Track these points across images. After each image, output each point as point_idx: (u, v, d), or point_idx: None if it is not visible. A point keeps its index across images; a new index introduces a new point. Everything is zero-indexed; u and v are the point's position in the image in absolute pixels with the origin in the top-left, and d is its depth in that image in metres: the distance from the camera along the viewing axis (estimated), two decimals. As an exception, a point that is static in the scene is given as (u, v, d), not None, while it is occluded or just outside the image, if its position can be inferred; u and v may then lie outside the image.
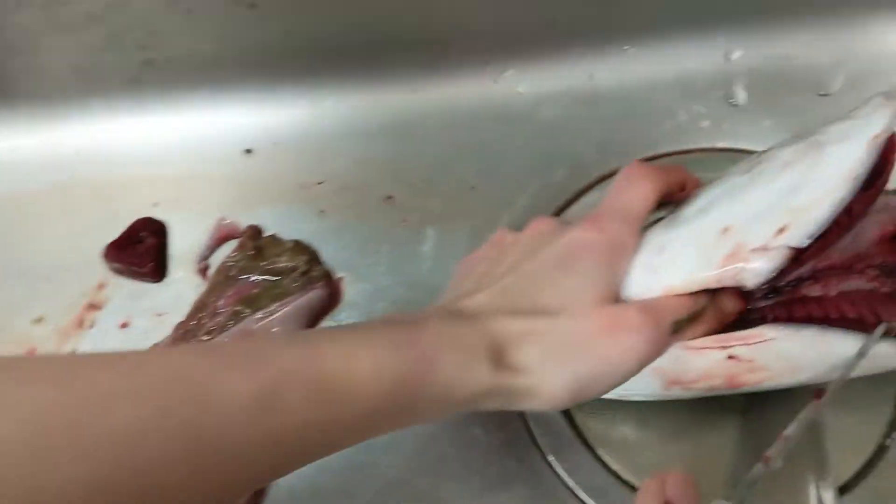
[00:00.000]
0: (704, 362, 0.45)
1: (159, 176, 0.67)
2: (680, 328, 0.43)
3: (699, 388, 0.46)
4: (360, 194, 0.65)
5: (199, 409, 0.31)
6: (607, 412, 0.55)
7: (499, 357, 0.40)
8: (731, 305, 0.45)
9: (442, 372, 0.38)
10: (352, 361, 0.35)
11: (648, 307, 0.43)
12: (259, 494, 0.54)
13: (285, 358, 0.34)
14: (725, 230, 0.44)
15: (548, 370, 0.40)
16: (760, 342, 0.44)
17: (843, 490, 0.51)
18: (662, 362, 0.44)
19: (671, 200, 0.49)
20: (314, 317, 0.59)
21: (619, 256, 0.45)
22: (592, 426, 0.55)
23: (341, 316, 0.60)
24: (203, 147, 0.68)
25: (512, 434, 0.55)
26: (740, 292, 0.45)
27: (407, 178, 0.65)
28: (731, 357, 0.44)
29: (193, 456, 0.30)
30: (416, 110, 0.67)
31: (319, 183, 0.65)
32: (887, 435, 0.53)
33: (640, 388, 0.47)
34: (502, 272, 0.45)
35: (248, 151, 0.67)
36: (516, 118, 0.66)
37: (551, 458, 0.54)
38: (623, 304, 0.44)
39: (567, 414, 0.55)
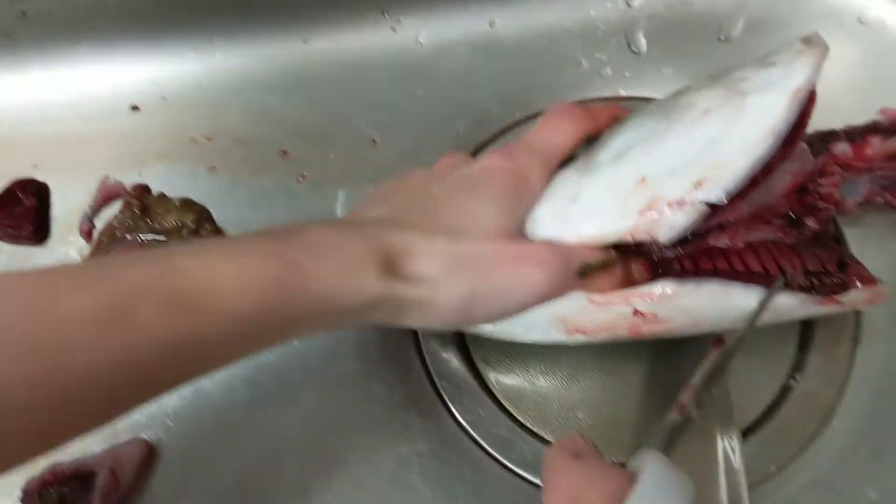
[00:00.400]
0: (608, 315, 0.44)
1: (39, 136, 0.64)
2: (588, 273, 0.42)
3: (602, 337, 0.46)
4: (254, 149, 0.62)
5: (38, 327, 0.29)
6: (512, 364, 0.55)
7: (389, 266, 0.38)
8: (638, 275, 0.45)
9: (320, 280, 0.36)
10: (211, 272, 0.33)
11: (558, 247, 0.42)
12: (151, 457, 0.52)
13: (137, 272, 0.32)
14: (642, 181, 0.43)
15: (443, 283, 0.39)
16: (663, 297, 0.43)
17: (748, 431, 0.51)
18: (566, 311, 0.44)
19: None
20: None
21: (525, 187, 0.44)
22: (496, 377, 0.54)
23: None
24: (86, 104, 0.64)
25: (415, 388, 0.54)
26: (649, 264, 0.44)
27: (303, 132, 0.62)
28: (634, 312, 0.44)
29: (34, 377, 0.28)
30: (309, 62, 0.65)
31: (210, 139, 0.62)
32: (790, 376, 0.53)
33: (542, 333, 0.46)
34: (405, 194, 0.44)
35: (135, 108, 0.64)
36: (416, 69, 0.64)
37: (455, 411, 0.53)
38: (533, 240, 0.44)
39: (472, 365, 0.54)
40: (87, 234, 0.59)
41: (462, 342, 0.56)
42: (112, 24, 0.64)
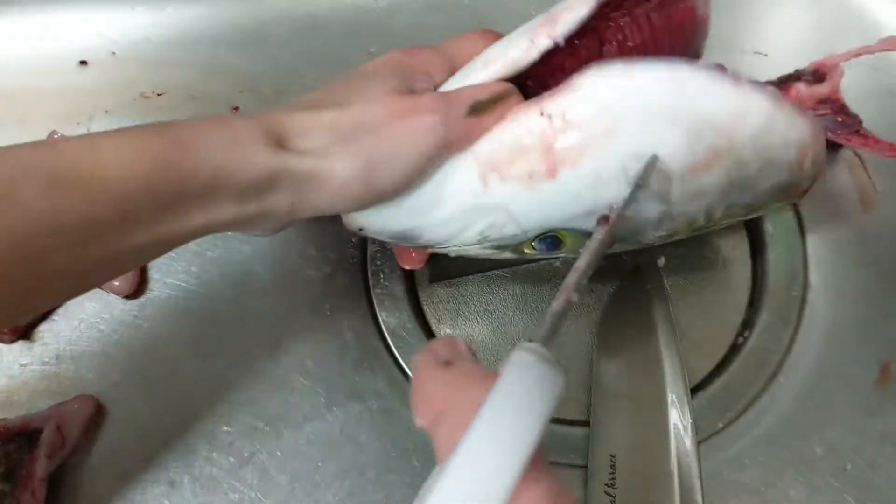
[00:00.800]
0: (517, 132, 0.42)
1: None
2: (479, 110, 0.41)
3: (518, 175, 0.42)
4: (205, 105, 0.61)
5: None
6: (465, 322, 0.56)
7: (278, 141, 0.38)
8: None
9: (207, 155, 0.35)
10: (96, 151, 0.33)
11: (444, 93, 0.42)
12: (98, 413, 0.52)
13: (21, 154, 0.32)
14: (547, 14, 0.43)
15: (335, 152, 0.39)
16: (569, 90, 0.41)
17: (697, 388, 0.52)
18: (475, 144, 0.42)
19: None
20: (155, 232, 0.56)
21: (420, 73, 0.44)
22: (448, 335, 0.54)
23: (186, 232, 0.57)
24: (33, 58, 0.63)
25: (367, 346, 0.54)
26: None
27: (255, 88, 0.61)
28: (542, 114, 0.41)
29: None
30: (262, 17, 0.63)
31: (160, 94, 0.61)
32: (739, 334, 0.54)
33: (459, 186, 0.43)
34: (305, 97, 0.43)
35: (83, 63, 0.62)
36: (370, 26, 0.63)
37: (407, 369, 0.54)
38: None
39: (424, 324, 0.55)
40: (34, 190, 0.58)
41: (415, 300, 0.56)
42: (60, -24, 0.63)
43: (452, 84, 0.44)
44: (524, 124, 0.41)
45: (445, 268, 0.53)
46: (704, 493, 0.46)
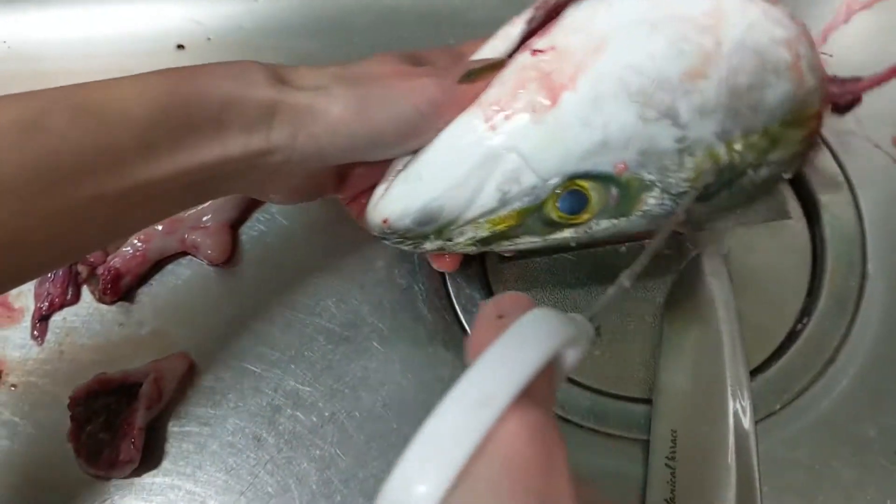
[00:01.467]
0: (513, 71, 0.44)
1: (86, 71, 0.64)
2: (472, 76, 0.43)
3: (521, 109, 0.43)
4: (291, 89, 0.64)
5: None
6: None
7: (280, 80, 0.41)
8: None
9: (215, 86, 0.39)
10: (113, 86, 0.37)
11: (442, 66, 0.46)
12: (191, 371, 0.55)
13: (48, 91, 0.36)
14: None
15: (333, 90, 0.42)
16: (552, 27, 0.44)
17: (756, 371, 0.54)
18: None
19: None
20: (247, 207, 0.59)
21: (425, 59, 0.48)
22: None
23: (274, 209, 0.60)
24: (132, 42, 0.67)
25: (440, 321, 0.57)
26: None
27: (338, 75, 0.64)
28: (533, 52, 0.43)
29: None
30: (346, 7, 0.67)
31: (251, 78, 0.64)
32: (798, 321, 0.55)
33: (468, 139, 0.43)
34: None
35: (180, 47, 0.66)
36: (449, 17, 0.66)
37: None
38: None
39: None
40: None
41: (485, 279, 0.58)
42: (159, -36, 0.66)
43: None
44: (518, 64, 0.44)
45: (514, 249, 0.55)
46: (760, 469, 0.47)
